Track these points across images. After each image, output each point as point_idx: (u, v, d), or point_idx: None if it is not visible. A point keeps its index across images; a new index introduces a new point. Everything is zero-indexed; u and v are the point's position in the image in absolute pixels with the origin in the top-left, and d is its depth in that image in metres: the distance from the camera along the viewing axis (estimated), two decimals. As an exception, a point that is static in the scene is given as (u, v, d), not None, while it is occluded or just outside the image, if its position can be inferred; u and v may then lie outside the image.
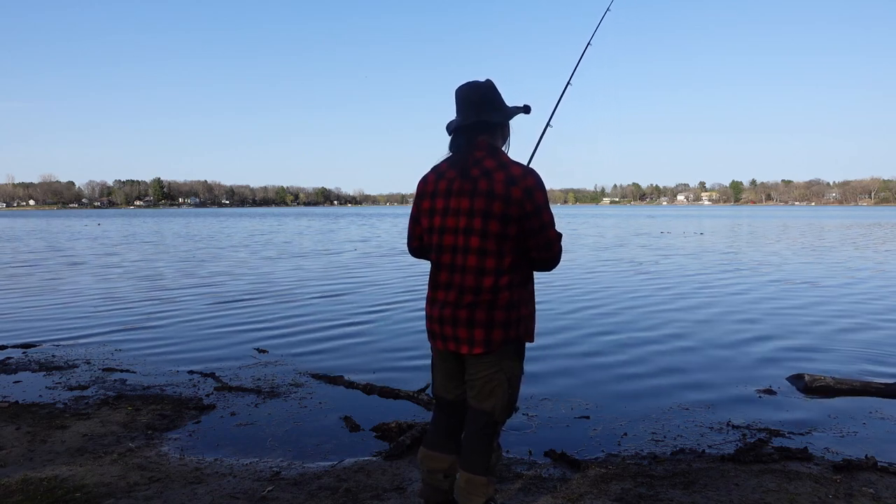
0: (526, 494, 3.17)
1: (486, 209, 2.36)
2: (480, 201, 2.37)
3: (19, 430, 4.07)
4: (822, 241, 24.52)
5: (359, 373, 5.55)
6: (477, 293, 2.40)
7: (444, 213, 2.46)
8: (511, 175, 2.37)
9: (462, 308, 2.42)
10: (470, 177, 2.41)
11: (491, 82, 2.54)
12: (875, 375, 5.43)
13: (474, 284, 2.40)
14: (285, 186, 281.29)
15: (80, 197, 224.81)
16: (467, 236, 2.40)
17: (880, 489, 3.22)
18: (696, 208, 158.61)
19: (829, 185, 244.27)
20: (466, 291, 2.41)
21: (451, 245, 2.44)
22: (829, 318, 8.24)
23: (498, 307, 2.40)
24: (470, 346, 2.43)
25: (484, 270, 2.39)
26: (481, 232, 2.37)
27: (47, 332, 7.42)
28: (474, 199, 2.38)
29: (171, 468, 3.51)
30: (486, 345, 2.42)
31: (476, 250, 2.39)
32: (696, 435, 4.09)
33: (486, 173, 2.39)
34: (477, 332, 2.41)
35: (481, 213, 2.37)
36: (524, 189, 2.35)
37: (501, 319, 2.41)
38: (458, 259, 2.42)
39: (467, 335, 2.43)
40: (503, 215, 2.35)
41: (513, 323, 2.44)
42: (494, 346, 2.42)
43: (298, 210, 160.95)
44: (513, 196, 2.34)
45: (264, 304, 9.46)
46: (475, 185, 2.39)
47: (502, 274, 2.40)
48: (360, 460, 3.63)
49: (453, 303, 2.44)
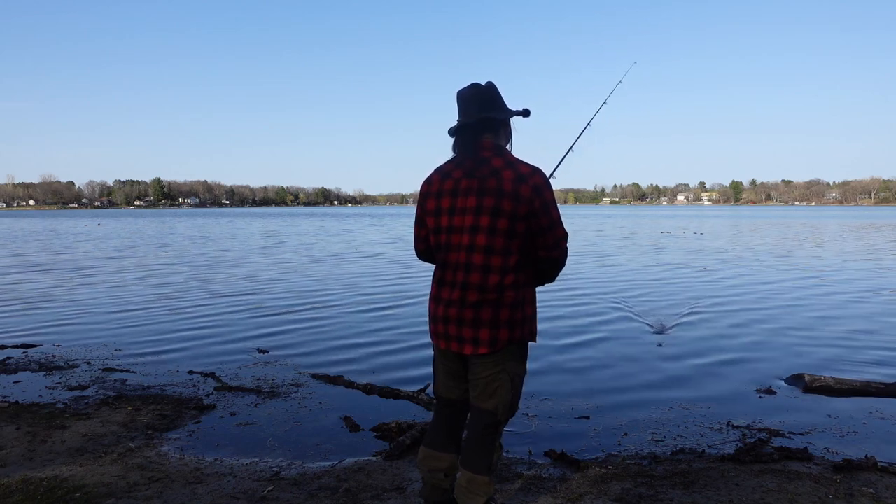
0: (526, 494, 3.17)
1: (494, 207, 2.37)
2: (489, 199, 2.38)
3: (19, 430, 4.07)
4: (823, 241, 24.54)
5: (359, 373, 5.55)
6: (482, 291, 2.40)
7: (451, 212, 2.47)
8: (520, 173, 2.39)
9: (468, 307, 2.43)
10: (477, 175, 2.42)
11: (492, 84, 2.55)
12: (875, 375, 5.43)
13: (480, 282, 2.40)
14: (285, 186, 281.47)
15: (80, 197, 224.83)
16: (474, 234, 2.41)
17: (880, 489, 3.22)
18: (696, 208, 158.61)
19: (829, 185, 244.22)
20: (472, 289, 2.41)
21: (458, 244, 2.45)
22: (829, 317, 8.24)
23: (503, 306, 2.41)
24: (475, 345, 2.44)
25: (490, 268, 2.39)
26: (488, 230, 2.38)
27: (47, 331, 7.43)
28: (482, 197, 2.39)
29: (171, 468, 3.51)
30: (491, 344, 2.42)
31: (483, 248, 2.39)
32: (696, 435, 4.09)
33: (494, 172, 2.40)
34: (482, 332, 2.42)
35: (489, 211, 2.38)
36: (533, 186, 2.36)
37: (507, 319, 2.42)
38: (465, 257, 2.43)
39: (472, 335, 2.43)
40: (512, 213, 2.36)
41: (517, 323, 2.44)
42: (499, 346, 2.43)
43: (302, 210, 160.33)
44: (522, 193, 2.35)
45: (299, 309, 9.46)
46: (483, 184, 2.40)
47: (507, 272, 2.40)
48: (360, 460, 3.63)
49: (458, 301, 2.44)
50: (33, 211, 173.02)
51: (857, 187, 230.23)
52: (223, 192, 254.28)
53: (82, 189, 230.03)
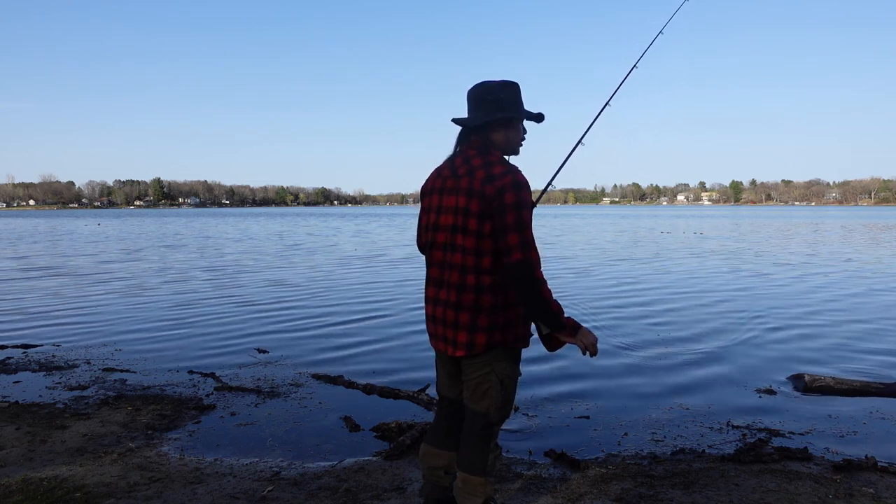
0: (526, 494, 3.17)
1: (465, 206, 2.40)
2: (463, 198, 2.42)
3: (19, 430, 4.07)
4: (824, 239, 24.53)
5: (359, 373, 5.55)
6: (460, 291, 2.42)
7: (438, 210, 2.52)
8: (490, 173, 2.38)
9: (449, 307, 2.46)
10: (458, 174, 2.46)
11: (504, 83, 2.51)
12: (875, 376, 5.43)
13: (458, 281, 2.43)
14: (285, 186, 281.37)
15: (80, 197, 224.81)
16: (454, 234, 2.44)
17: (880, 489, 3.22)
18: (697, 208, 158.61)
19: (829, 186, 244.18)
20: (452, 288, 2.45)
21: (442, 242, 2.49)
22: (830, 317, 8.24)
23: (482, 311, 2.41)
24: (454, 347, 2.47)
25: (466, 268, 2.42)
26: (463, 229, 2.42)
27: (47, 331, 7.43)
28: (459, 196, 2.43)
29: (171, 468, 3.51)
30: (468, 348, 2.43)
31: (460, 248, 2.43)
32: (696, 435, 4.09)
33: (470, 171, 2.43)
34: (461, 335, 2.44)
35: (462, 211, 2.41)
36: (498, 187, 2.35)
37: (486, 325, 2.42)
38: (447, 256, 2.47)
39: (453, 336, 2.47)
40: (480, 213, 2.37)
41: (498, 327, 2.44)
42: (477, 350, 2.43)
43: (305, 210, 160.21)
44: (486, 193, 2.36)
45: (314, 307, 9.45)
46: (460, 183, 2.44)
47: (483, 273, 2.41)
48: (360, 460, 3.63)
49: (443, 301, 2.48)
50: (33, 211, 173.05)
51: (857, 187, 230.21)
52: (223, 192, 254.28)
53: (82, 189, 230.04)
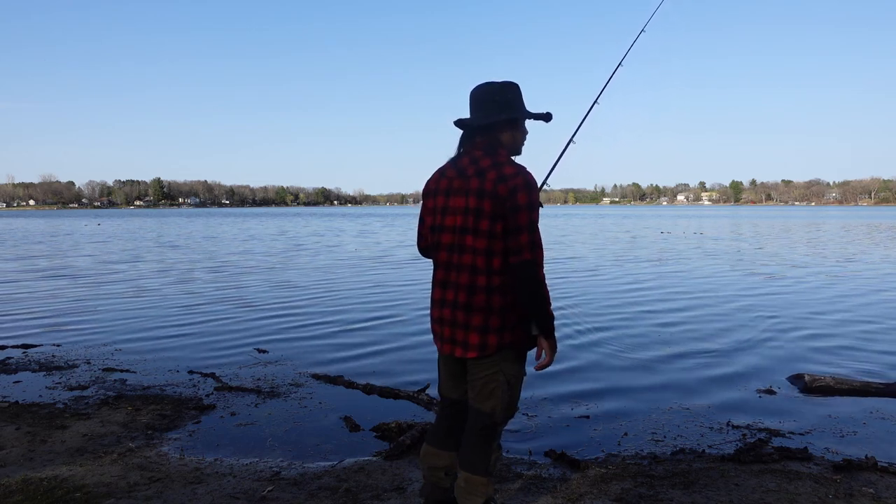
0: (526, 494, 3.18)
1: (477, 207, 2.40)
2: (473, 199, 2.41)
3: (19, 430, 4.07)
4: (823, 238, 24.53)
5: (359, 373, 5.55)
6: (471, 292, 2.42)
7: (444, 211, 2.51)
8: (502, 173, 2.39)
9: (459, 309, 2.45)
10: (465, 175, 2.45)
11: (506, 84, 2.52)
12: (875, 375, 5.43)
13: (468, 283, 2.43)
14: (285, 186, 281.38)
15: (80, 197, 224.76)
16: (462, 235, 2.44)
17: (880, 489, 3.22)
18: (696, 208, 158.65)
19: (829, 186, 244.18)
20: (461, 290, 2.44)
21: (449, 243, 2.49)
22: (830, 318, 8.24)
23: (493, 312, 2.42)
24: (465, 349, 2.46)
25: (476, 269, 2.42)
26: (473, 230, 2.41)
27: (47, 331, 7.43)
28: (468, 197, 2.43)
29: (171, 468, 3.51)
30: (480, 349, 2.44)
31: (469, 249, 2.42)
32: (696, 435, 4.09)
33: (479, 172, 2.43)
34: (472, 337, 2.44)
35: (473, 212, 2.41)
36: (511, 187, 2.36)
37: (497, 325, 2.43)
38: (455, 257, 2.47)
39: (463, 338, 2.46)
40: (492, 213, 2.38)
41: (508, 328, 2.45)
42: (489, 351, 2.44)
43: (307, 210, 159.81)
44: (499, 193, 2.36)
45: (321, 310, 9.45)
46: (469, 184, 2.43)
47: (493, 274, 2.41)
48: (360, 460, 3.63)
49: (451, 302, 2.48)
50: (33, 211, 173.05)
51: (857, 187, 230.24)
52: (223, 192, 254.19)
53: (82, 189, 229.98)
